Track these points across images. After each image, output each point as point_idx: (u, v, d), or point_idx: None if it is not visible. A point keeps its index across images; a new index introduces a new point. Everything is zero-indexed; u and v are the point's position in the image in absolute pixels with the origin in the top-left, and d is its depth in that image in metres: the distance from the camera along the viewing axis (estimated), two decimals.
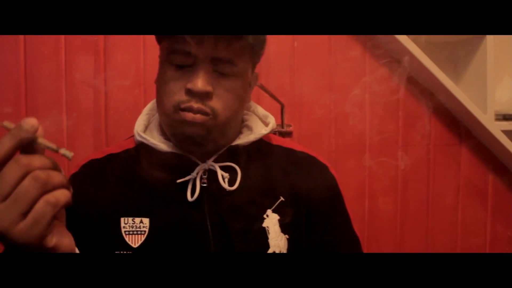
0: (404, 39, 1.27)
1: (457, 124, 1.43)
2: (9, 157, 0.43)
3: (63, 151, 0.47)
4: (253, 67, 0.75)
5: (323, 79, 1.35)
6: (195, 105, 0.64)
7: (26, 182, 0.43)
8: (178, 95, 0.66)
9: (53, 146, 0.47)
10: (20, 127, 0.43)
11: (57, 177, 0.45)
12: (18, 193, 0.42)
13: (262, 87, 1.22)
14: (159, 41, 0.73)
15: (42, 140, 0.46)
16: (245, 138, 0.75)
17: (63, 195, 0.45)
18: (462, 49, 1.47)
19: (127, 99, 1.22)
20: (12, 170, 0.42)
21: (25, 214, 0.43)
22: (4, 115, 1.14)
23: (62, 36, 1.17)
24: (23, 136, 0.43)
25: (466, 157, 1.45)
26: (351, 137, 1.37)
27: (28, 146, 0.45)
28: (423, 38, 1.37)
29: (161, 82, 0.69)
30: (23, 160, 0.43)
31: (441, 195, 1.44)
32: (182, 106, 0.65)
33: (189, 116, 0.65)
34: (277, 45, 1.30)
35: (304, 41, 1.33)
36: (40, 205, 0.43)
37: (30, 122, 0.44)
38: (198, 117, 0.65)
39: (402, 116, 1.40)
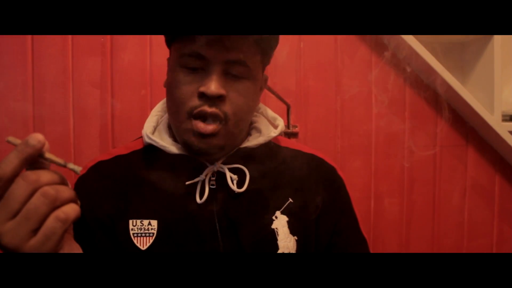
0: (411, 40, 1.26)
1: (464, 125, 1.43)
2: (16, 174, 0.42)
3: (71, 165, 0.47)
4: (263, 69, 0.75)
5: (329, 80, 1.35)
6: (209, 109, 0.64)
7: (35, 199, 0.42)
8: (191, 100, 0.65)
9: (61, 161, 0.46)
10: (26, 143, 0.43)
11: (66, 192, 0.45)
12: (28, 210, 0.42)
13: (268, 88, 1.22)
14: (168, 44, 0.73)
15: (49, 155, 0.45)
16: (254, 140, 0.74)
17: (72, 210, 0.45)
18: (469, 50, 1.46)
19: (134, 100, 1.22)
20: (21, 187, 0.42)
21: (35, 231, 0.43)
22: (11, 116, 1.15)
23: (69, 37, 1.18)
24: (30, 152, 0.43)
25: (473, 158, 1.44)
26: (357, 138, 1.37)
27: (34, 162, 0.44)
28: (429, 38, 1.37)
29: (172, 87, 0.68)
30: (31, 176, 0.43)
31: (447, 196, 1.44)
32: (195, 111, 0.65)
33: (201, 126, 0.65)
34: (283, 45, 1.30)
35: (310, 42, 1.33)
36: (50, 222, 0.43)
37: (37, 138, 0.43)
38: (210, 127, 0.65)
39: (409, 117, 1.40)
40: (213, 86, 0.63)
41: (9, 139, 0.44)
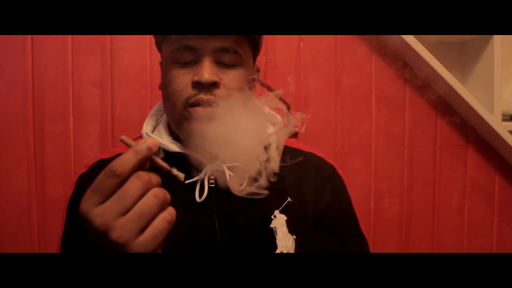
0: (411, 39, 1.26)
1: (464, 125, 1.43)
2: (132, 173, 0.44)
3: (175, 171, 0.49)
4: (254, 58, 0.75)
5: (329, 80, 1.35)
6: (205, 97, 0.66)
7: (149, 199, 0.44)
8: (186, 91, 0.67)
9: (167, 166, 0.49)
10: (143, 144, 0.45)
11: (168, 195, 0.47)
12: (141, 209, 0.44)
13: (268, 87, 1.22)
14: (159, 46, 0.75)
15: (158, 159, 0.47)
16: None
17: (174, 213, 0.47)
18: (469, 49, 1.46)
19: (134, 100, 1.22)
20: (136, 186, 0.44)
21: (142, 229, 0.44)
22: (11, 116, 1.15)
23: (69, 37, 1.18)
24: (147, 154, 0.45)
25: (473, 157, 1.44)
26: (356, 137, 1.37)
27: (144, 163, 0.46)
28: (429, 38, 1.37)
29: (167, 83, 0.70)
30: (145, 177, 0.44)
31: (447, 196, 1.44)
32: (191, 101, 0.66)
33: (198, 110, 0.66)
34: (283, 45, 1.30)
35: (310, 42, 1.33)
36: (159, 222, 0.45)
37: (153, 142, 0.45)
38: (208, 110, 0.65)
39: (408, 117, 1.40)
40: (206, 74, 0.65)
41: (122, 138, 0.47)
